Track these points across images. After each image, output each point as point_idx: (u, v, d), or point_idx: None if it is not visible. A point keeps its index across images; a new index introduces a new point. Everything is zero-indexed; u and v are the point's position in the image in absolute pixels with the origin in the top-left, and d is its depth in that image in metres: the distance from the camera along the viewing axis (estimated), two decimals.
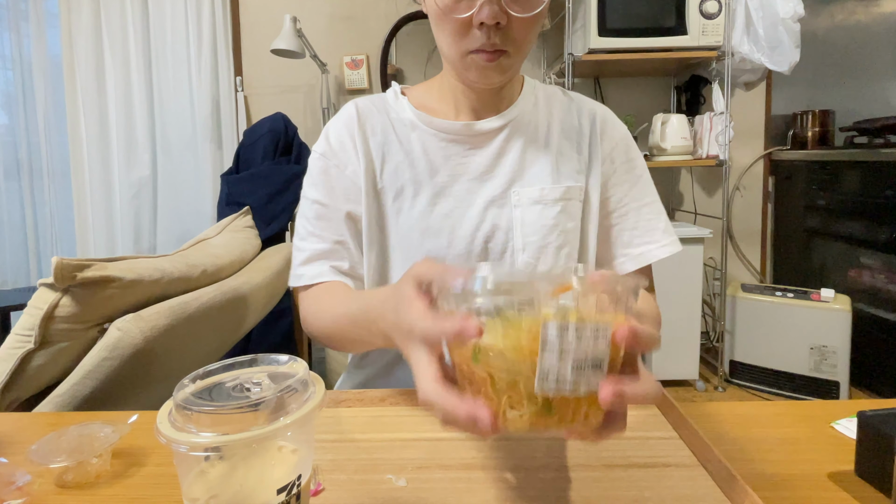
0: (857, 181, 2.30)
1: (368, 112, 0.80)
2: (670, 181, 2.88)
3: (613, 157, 0.80)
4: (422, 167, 0.76)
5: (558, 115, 0.81)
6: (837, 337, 2.18)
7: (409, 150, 0.77)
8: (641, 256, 0.79)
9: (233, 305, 1.29)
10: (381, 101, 0.82)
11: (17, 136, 2.76)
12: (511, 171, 0.76)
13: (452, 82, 0.77)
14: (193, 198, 2.73)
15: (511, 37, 0.67)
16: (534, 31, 0.70)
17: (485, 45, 0.66)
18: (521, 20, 0.66)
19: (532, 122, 0.79)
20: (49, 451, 0.51)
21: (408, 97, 0.81)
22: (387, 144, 0.78)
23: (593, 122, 0.81)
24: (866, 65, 2.77)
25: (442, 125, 0.77)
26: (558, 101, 0.82)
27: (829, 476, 0.52)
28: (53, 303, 0.91)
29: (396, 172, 0.77)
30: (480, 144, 0.77)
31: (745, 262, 2.90)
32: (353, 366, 0.84)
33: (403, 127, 0.78)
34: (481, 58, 0.68)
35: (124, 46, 2.68)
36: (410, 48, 2.77)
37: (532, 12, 0.65)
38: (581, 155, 0.79)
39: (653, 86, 2.81)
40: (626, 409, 0.41)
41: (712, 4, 2.27)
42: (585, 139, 0.80)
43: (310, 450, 0.40)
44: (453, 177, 0.76)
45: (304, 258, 0.76)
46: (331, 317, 0.68)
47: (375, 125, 0.79)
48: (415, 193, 0.76)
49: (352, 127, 0.78)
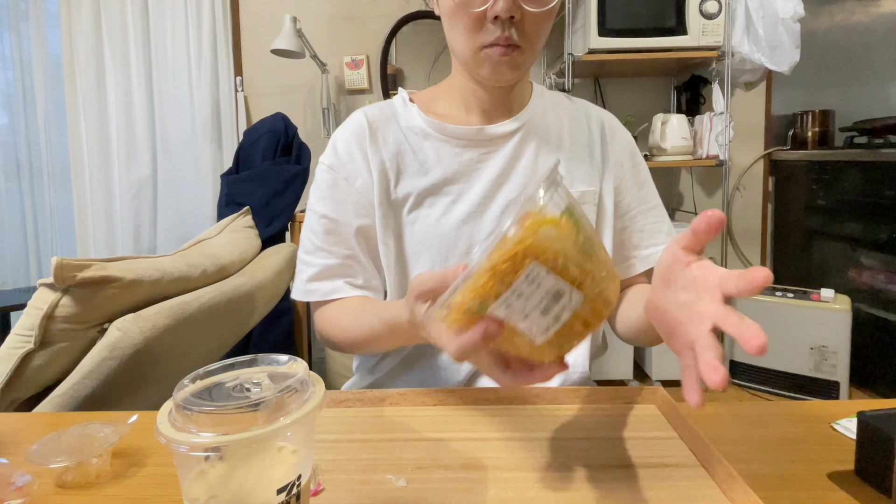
0: (857, 181, 2.30)
1: (378, 122, 0.79)
2: (670, 181, 2.88)
3: (622, 162, 0.82)
4: (437, 175, 0.76)
5: (567, 121, 0.81)
6: (837, 337, 2.18)
7: (424, 160, 0.76)
8: (650, 258, 0.81)
9: (233, 305, 1.29)
10: (390, 108, 0.81)
11: (17, 136, 2.76)
12: (526, 174, 0.76)
13: (463, 83, 0.77)
14: (193, 198, 2.73)
15: (524, 32, 0.68)
16: (546, 28, 0.70)
17: (498, 39, 0.67)
18: (534, 15, 0.67)
19: (543, 125, 0.79)
20: (49, 451, 0.51)
21: (416, 104, 0.80)
22: (400, 155, 0.77)
23: (602, 128, 0.82)
24: (866, 65, 2.77)
25: (455, 131, 0.76)
26: (565, 106, 0.83)
27: (829, 476, 0.52)
28: (53, 303, 0.91)
29: (411, 182, 0.76)
30: (495, 149, 0.77)
31: (745, 262, 2.90)
32: (367, 371, 0.84)
33: (415, 135, 0.78)
34: (495, 52, 0.68)
35: (124, 46, 2.68)
36: (410, 48, 2.77)
37: (545, 7, 0.67)
38: (593, 160, 0.80)
39: (653, 86, 2.81)
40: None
41: (712, 4, 2.27)
42: (596, 145, 0.81)
43: (310, 450, 0.40)
44: (469, 183, 0.76)
45: (314, 273, 0.76)
46: (357, 327, 0.71)
47: (387, 135, 0.78)
48: (431, 203, 0.75)
49: (362, 138, 0.77)
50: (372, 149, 0.77)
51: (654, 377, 2.43)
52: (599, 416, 0.63)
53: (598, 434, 0.59)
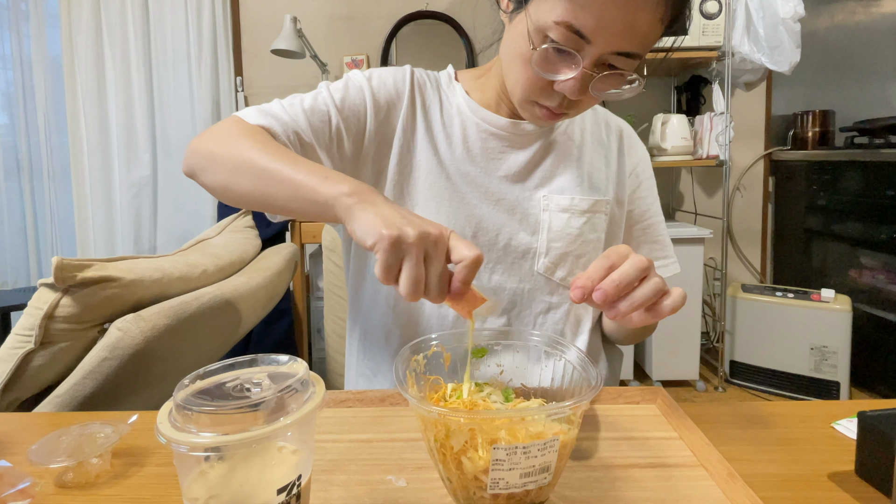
0: (858, 181, 2.30)
1: (424, 82, 0.79)
2: (670, 181, 2.88)
3: (638, 173, 0.84)
4: (459, 153, 0.76)
5: (590, 128, 0.83)
6: (837, 337, 2.18)
7: (450, 134, 0.77)
8: (661, 269, 0.83)
9: (233, 305, 1.29)
10: (435, 79, 0.81)
11: (17, 136, 2.76)
12: (543, 176, 0.77)
13: (501, 82, 0.76)
14: (193, 198, 2.73)
15: (578, 105, 0.67)
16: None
17: (553, 108, 0.67)
18: (592, 98, 0.66)
19: (569, 131, 0.81)
20: (49, 451, 0.51)
21: (461, 83, 0.80)
22: (429, 118, 0.77)
23: (620, 137, 0.84)
24: (866, 65, 2.77)
25: (489, 118, 0.76)
26: (589, 111, 0.84)
27: (830, 476, 0.52)
28: (53, 303, 0.91)
29: (431, 148, 0.76)
30: (520, 145, 0.77)
31: (745, 263, 2.90)
32: (364, 358, 0.83)
33: (450, 109, 0.78)
34: (543, 113, 0.68)
35: (124, 46, 2.68)
36: (410, 48, 2.77)
37: (609, 91, 0.65)
38: (609, 168, 0.81)
39: (653, 86, 2.81)
40: None
41: (712, 4, 2.27)
42: (613, 154, 0.83)
43: (310, 450, 0.40)
44: (485, 170, 0.76)
45: (257, 110, 0.68)
46: (259, 146, 0.59)
47: (428, 97, 0.78)
48: (446, 176, 0.75)
49: (405, 85, 0.76)
50: (409, 98, 0.76)
51: (654, 377, 2.43)
52: (599, 416, 0.63)
53: (598, 434, 0.59)
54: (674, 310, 0.50)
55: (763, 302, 2.32)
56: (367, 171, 0.76)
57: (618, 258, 0.50)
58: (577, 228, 0.76)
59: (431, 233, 0.46)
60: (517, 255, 0.76)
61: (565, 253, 0.76)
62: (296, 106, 0.70)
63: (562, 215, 0.76)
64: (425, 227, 0.46)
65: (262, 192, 0.58)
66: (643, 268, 0.49)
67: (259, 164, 0.57)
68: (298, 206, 0.55)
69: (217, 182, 0.62)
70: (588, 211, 0.77)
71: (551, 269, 0.76)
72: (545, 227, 0.75)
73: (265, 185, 0.57)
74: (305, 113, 0.69)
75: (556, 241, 0.75)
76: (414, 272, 0.45)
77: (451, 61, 0.79)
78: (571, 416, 0.45)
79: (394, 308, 0.77)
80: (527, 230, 0.76)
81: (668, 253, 0.85)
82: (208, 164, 0.62)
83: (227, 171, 0.60)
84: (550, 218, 0.76)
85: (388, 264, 0.45)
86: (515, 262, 0.76)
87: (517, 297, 0.77)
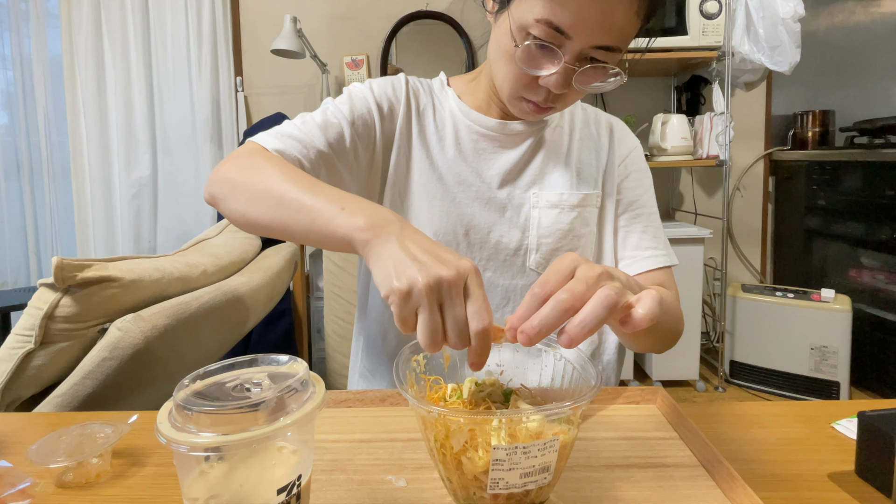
0: (858, 181, 2.30)
1: (418, 89, 0.81)
2: (670, 181, 2.88)
3: (627, 164, 0.84)
4: (451, 154, 0.78)
5: (579, 125, 0.84)
6: (838, 337, 2.18)
7: (442, 137, 0.78)
8: (648, 260, 0.82)
9: (233, 305, 1.29)
10: (428, 85, 0.83)
11: (17, 135, 2.76)
12: (533, 173, 0.79)
13: (491, 84, 0.77)
14: (193, 198, 2.73)
15: (563, 99, 0.69)
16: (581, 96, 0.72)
17: (540, 102, 0.68)
18: (578, 91, 0.67)
19: (558, 129, 0.82)
20: (49, 451, 0.51)
21: (452, 88, 0.83)
22: (423, 122, 0.79)
23: (611, 131, 0.85)
24: (866, 65, 2.77)
25: (479, 119, 0.78)
26: (578, 110, 0.86)
27: (830, 476, 0.52)
28: (53, 303, 0.91)
29: (425, 150, 0.78)
30: (511, 145, 0.79)
31: (745, 263, 2.90)
32: (367, 356, 0.84)
33: (443, 113, 0.80)
34: (530, 107, 0.70)
35: (124, 46, 2.68)
36: (410, 48, 2.77)
37: (590, 85, 0.67)
38: (599, 162, 0.83)
39: (653, 86, 2.81)
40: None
41: (712, 4, 2.27)
42: (604, 147, 0.84)
43: (310, 450, 0.40)
44: (477, 171, 0.78)
45: (273, 134, 0.69)
46: (279, 173, 0.59)
47: (422, 102, 0.80)
48: (438, 177, 0.77)
49: (402, 90, 0.79)
50: (404, 104, 0.78)
51: (654, 377, 2.43)
52: (599, 416, 0.63)
53: (598, 434, 0.59)
54: (651, 319, 0.44)
55: (763, 302, 2.32)
56: (377, 176, 0.78)
57: (553, 286, 0.44)
58: (567, 224, 0.77)
59: (444, 277, 0.43)
60: (508, 252, 0.77)
61: (556, 248, 0.77)
62: (309, 124, 0.72)
63: (551, 211, 0.77)
64: (438, 272, 0.43)
65: (281, 224, 0.58)
66: (587, 285, 0.44)
67: (277, 193, 0.57)
68: (316, 239, 0.55)
69: (237, 211, 0.62)
70: (578, 206, 0.78)
71: (543, 265, 0.77)
72: (535, 224, 0.77)
73: (283, 217, 0.57)
74: (320, 129, 0.71)
75: (546, 237, 0.77)
76: (429, 324, 0.43)
77: (450, 61, 0.80)
78: (571, 416, 0.45)
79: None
80: (517, 227, 0.77)
81: (658, 244, 0.82)
82: (229, 192, 0.62)
83: (246, 200, 0.60)
84: (540, 214, 0.77)
85: (403, 317, 0.44)
86: (507, 260, 0.78)
87: (510, 294, 0.78)
